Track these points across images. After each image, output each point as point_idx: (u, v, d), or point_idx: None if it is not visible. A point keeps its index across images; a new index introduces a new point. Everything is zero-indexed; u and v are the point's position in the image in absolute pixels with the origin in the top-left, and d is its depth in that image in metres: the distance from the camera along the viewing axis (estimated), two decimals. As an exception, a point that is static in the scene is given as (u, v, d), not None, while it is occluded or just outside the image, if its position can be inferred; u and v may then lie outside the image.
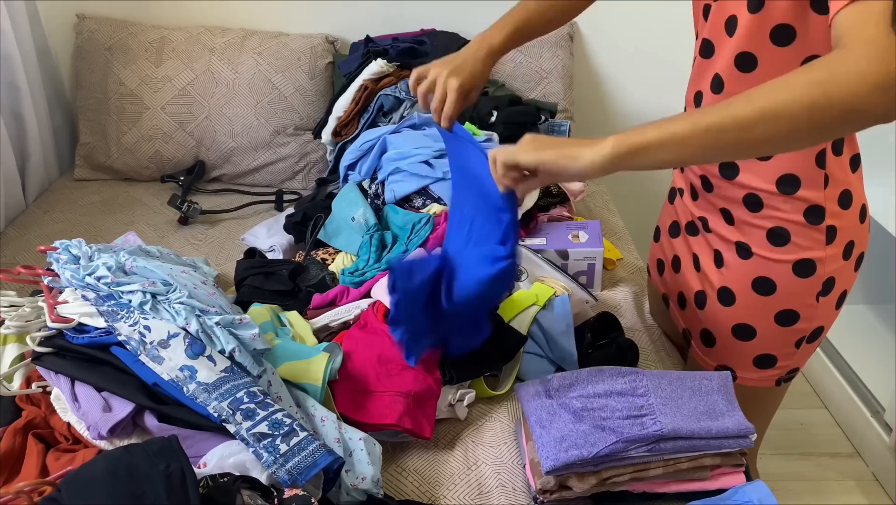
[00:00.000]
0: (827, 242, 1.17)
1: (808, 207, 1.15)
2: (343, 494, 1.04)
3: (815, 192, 1.14)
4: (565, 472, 1.04)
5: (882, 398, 2.12)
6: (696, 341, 1.35)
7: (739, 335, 1.27)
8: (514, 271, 1.06)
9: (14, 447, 1.04)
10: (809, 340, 1.25)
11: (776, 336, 1.24)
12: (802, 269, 1.18)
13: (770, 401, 1.36)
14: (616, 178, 2.37)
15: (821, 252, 1.17)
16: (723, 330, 1.28)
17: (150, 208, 1.94)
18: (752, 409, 1.23)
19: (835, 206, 1.15)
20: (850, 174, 1.16)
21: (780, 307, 1.22)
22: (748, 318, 1.25)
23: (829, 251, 1.17)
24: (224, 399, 0.99)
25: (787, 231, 1.17)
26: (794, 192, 1.14)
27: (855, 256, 1.21)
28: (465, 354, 1.24)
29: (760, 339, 1.25)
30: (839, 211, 1.16)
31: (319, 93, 2.06)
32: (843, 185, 1.15)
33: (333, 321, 1.34)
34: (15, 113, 1.93)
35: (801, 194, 1.14)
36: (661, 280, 1.46)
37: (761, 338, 1.25)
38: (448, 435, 1.23)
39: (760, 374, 1.28)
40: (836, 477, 2.13)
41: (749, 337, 1.26)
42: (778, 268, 1.19)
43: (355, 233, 1.54)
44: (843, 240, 1.18)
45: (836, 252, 1.18)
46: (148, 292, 1.10)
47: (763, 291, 1.22)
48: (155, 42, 2.04)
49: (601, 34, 2.24)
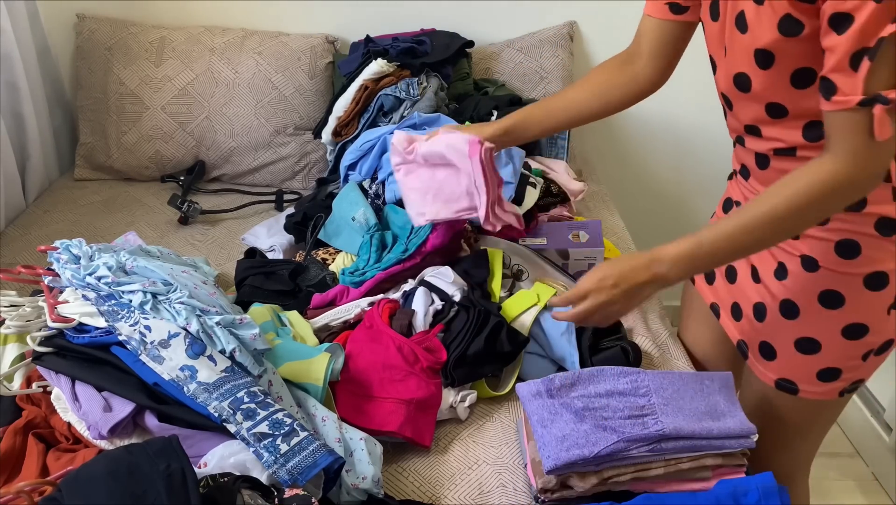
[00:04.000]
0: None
1: (879, 220, 1.12)
2: (343, 493, 1.04)
3: (885, 206, 1.11)
4: (566, 471, 1.04)
5: (882, 398, 2.12)
6: (753, 354, 1.30)
7: (803, 349, 1.21)
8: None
9: (14, 447, 1.04)
10: (878, 352, 1.21)
11: (843, 349, 1.19)
12: (874, 281, 1.14)
13: (831, 411, 1.31)
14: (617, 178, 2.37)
15: (892, 263, 1.13)
16: (785, 343, 1.23)
17: (150, 208, 1.94)
18: (812, 421, 1.20)
19: None
20: None
21: (849, 321, 1.17)
22: (813, 331, 1.20)
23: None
24: (224, 399, 0.99)
25: (858, 243, 1.13)
26: (862, 208, 1.12)
27: None
28: (467, 358, 1.24)
29: (826, 352, 1.20)
30: None
31: (319, 93, 2.06)
32: None
33: (333, 321, 1.34)
34: (15, 113, 1.93)
35: (869, 210, 1.11)
36: (711, 289, 1.40)
37: (827, 351, 1.20)
38: (449, 435, 1.23)
39: (824, 387, 1.23)
40: (836, 477, 2.13)
41: (814, 351, 1.21)
42: (847, 281, 1.15)
43: (356, 233, 1.54)
44: None
45: None
46: (148, 292, 1.10)
47: (830, 304, 1.17)
48: (155, 42, 2.04)
49: (601, 34, 2.24)
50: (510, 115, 1.38)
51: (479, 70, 2.12)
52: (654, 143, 2.38)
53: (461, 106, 1.93)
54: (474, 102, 1.90)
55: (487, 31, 2.16)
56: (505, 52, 2.13)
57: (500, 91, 2.03)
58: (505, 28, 2.18)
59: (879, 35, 0.90)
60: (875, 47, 0.90)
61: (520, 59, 2.12)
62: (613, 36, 2.25)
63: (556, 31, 2.15)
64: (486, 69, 2.13)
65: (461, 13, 2.15)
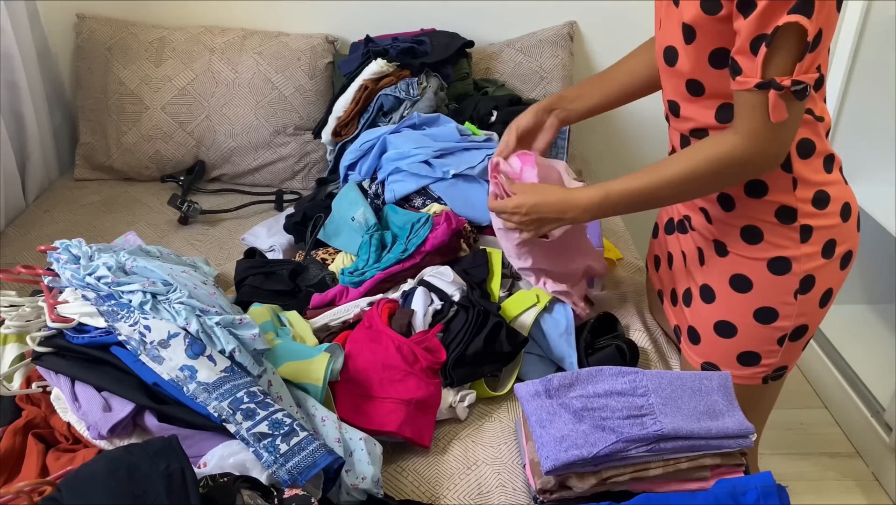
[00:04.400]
0: (802, 241, 1.18)
1: (779, 208, 1.17)
2: (343, 493, 1.04)
3: (785, 195, 1.16)
4: (565, 472, 1.04)
5: (882, 398, 2.12)
6: (684, 338, 1.36)
7: (721, 332, 1.28)
8: None
9: (14, 447, 1.04)
10: (792, 338, 1.25)
11: (756, 333, 1.25)
12: (777, 266, 1.20)
13: (761, 400, 1.36)
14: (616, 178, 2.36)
15: (795, 250, 1.19)
16: (706, 327, 1.30)
17: (150, 208, 1.94)
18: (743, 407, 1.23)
19: (808, 207, 1.17)
20: (825, 175, 1.17)
21: (758, 304, 1.23)
22: (728, 315, 1.26)
23: (805, 249, 1.18)
24: (224, 399, 0.99)
25: (760, 229, 1.19)
26: (763, 195, 1.17)
27: (839, 254, 1.21)
28: (466, 358, 1.24)
29: (741, 336, 1.26)
30: (814, 211, 1.17)
31: (319, 93, 2.06)
32: (817, 187, 1.17)
33: (333, 321, 1.34)
34: (15, 113, 1.93)
35: (769, 198, 1.17)
36: (658, 277, 1.47)
37: (742, 335, 1.26)
38: (448, 435, 1.23)
39: (745, 371, 1.28)
40: (836, 477, 2.13)
41: (730, 334, 1.27)
42: (753, 265, 1.22)
43: (355, 233, 1.54)
44: (822, 239, 1.19)
45: (813, 251, 1.19)
46: (148, 292, 1.10)
47: (740, 288, 1.24)
48: (155, 42, 2.04)
49: (601, 34, 2.24)
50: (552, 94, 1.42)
51: (479, 70, 2.12)
52: (654, 144, 2.37)
53: (461, 106, 1.93)
54: (474, 102, 1.90)
55: (487, 31, 2.16)
56: (505, 52, 2.14)
57: (499, 91, 2.03)
58: (505, 28, 2.18)
59: (776, 23, 0.96)
60: (771, 34, 0.97)
61: (520, 59, 2.12)
62: (613, 36, 2.26)
63: (556, 31, 2.15)
64: (485, 69, 2.13)
65: (461, 13, 2.15)
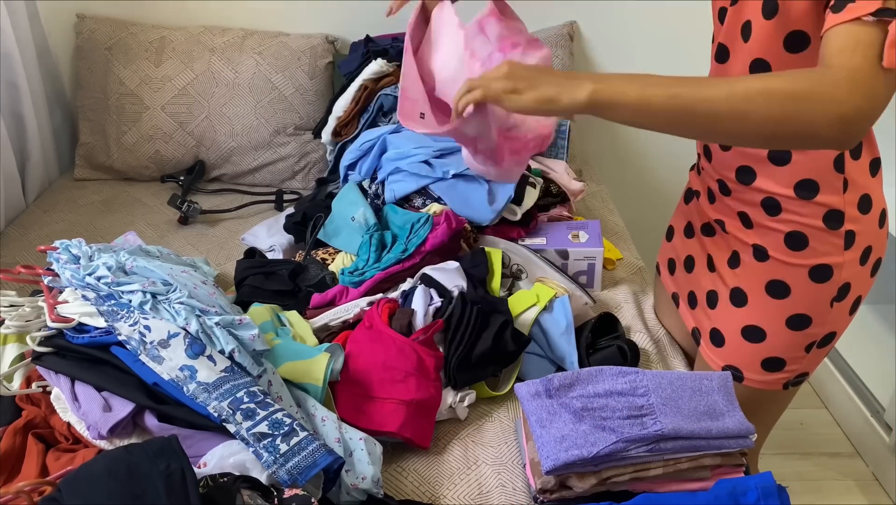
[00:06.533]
0: (845, 248, 1.16)
1: (828, 212, 1.14)
2: (343, 493, 1.04)
3: (835, 197, 1.13)
4: (565, 471, 1.04)
5: (882, 398, 2.12)
6: (705, 340, 1.34)
7: (749, 336, 1.25)
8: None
9: (14, 447, 1.04)
10: (820, 344, 1.24)
11: (787, 340, 1.23)
12: (819, 274, 1.17)
13: (776, 404, 1.35)
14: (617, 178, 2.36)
15: (839, 257, 1.16)
16: (733, 330, 1.27)
17: (150, 208, 1.94)
18: (757, 410, 1.22)
19: (854, 211, 1.14)
20: (869, 178, 1.15)
21: (793, 311, 1.21)
22: (759, 320, 1.24)
23: (847, 256, 1.16)
24: (224, 399, 0.99)
25: (806, 235, 1.16)
26: (813, 196, 1.13)
27: (872, 261, 1.20)
28: (471, 359, 1.24)
29: (770, 341, 1.24)
30: (858, 216, 1.15)
31: (319, 93, 2.06)
32: (863, 190, 1.14)
33: (333, 320, 1.34)
34: (15, 113, 1.93)
35: (819, 199, 1.13)
36: (672, 279, 1.45)
37: (771, 341, 1.24)
38: (448, 435, 1.23)
39: (768, 376, 1.26)
40: (836, 477, 2.13)
41: (759, 339, 1.25)
42: (794, 272, 1.19)
43: (355, 233, 1.54)
44: (862, 245, 1.17)
45: (853, 257, 1.17)
46: (148, 292, 1.10)
47: (776, 294, 1.21)
48: (155, 42, 2.04)
49: (601, 34, 2.24)
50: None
51: (479, 70, 2.12)
52: (654, 144, 2.38)
53: (461, 106, 1.93)
54: (474, 102, 1.90)
55: (487, 31, 2.16)
56: (505, 52, 2.13)
57: (499, 91, 2.03)
58: (505, 28, 2.18)
59: None
60: None
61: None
62: (613, 36, 2.26)
63: (556, 31, 2.15)
64: (485, 69, 2.12)
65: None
